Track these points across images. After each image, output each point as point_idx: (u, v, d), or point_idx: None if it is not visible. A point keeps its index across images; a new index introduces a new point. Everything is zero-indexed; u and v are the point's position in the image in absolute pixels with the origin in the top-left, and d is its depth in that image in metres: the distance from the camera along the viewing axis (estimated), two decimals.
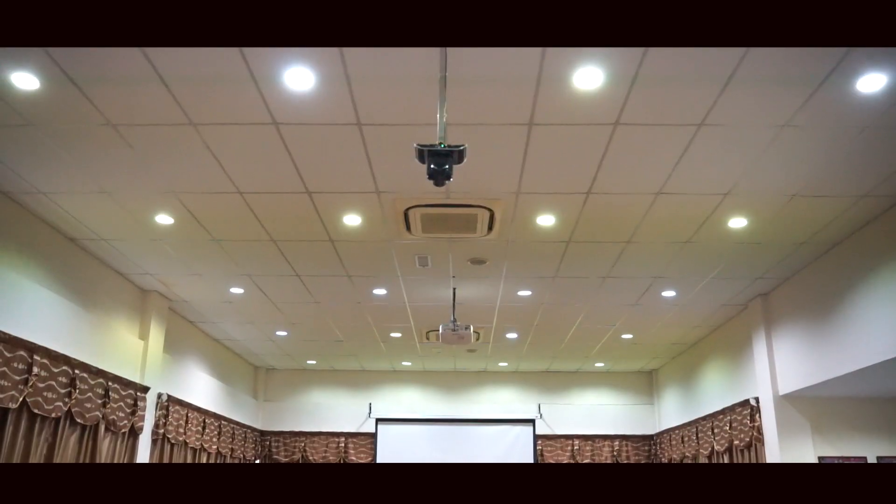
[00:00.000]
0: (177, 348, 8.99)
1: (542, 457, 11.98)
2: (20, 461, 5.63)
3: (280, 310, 8.69)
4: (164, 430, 8.23)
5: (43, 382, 5.80)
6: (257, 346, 10.79)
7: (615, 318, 8.93)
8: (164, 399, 8.21)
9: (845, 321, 6.33)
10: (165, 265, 7.19)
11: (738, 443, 8.37)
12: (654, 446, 12.03)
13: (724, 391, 9.13)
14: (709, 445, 9.34)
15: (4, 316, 5.41)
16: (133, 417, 7.40)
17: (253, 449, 11.75)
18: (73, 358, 6.29)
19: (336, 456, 12.01)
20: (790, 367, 7.40)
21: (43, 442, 5.95)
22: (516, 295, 7.97)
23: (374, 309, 8.61)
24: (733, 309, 8.45)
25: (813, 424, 7.65)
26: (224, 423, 10.32)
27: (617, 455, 11.97)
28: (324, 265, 7.07)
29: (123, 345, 7.41)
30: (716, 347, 9.49)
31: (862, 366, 6.08)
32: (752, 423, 7.98)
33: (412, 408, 12.32)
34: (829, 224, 5.89)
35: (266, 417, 12.34)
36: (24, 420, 5.66)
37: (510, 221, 5.94)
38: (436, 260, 6.89)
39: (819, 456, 7.57)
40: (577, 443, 12.07)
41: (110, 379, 6.95)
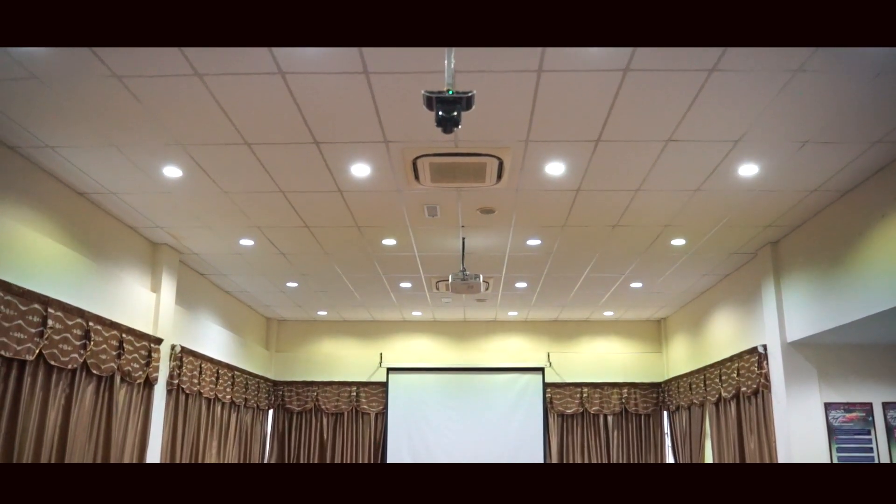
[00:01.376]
0: (189, 301, 9.08)
1: (552, 404, 12.14)
2: (39, 413, 5.74)
3: (290, 261, 8.73)
4: (179, 381, 8.37)
5: (58, 335, 5.88)
6: (268, 298, 10.88)
7: (624, 267, 8.94)
8: (178, 350, 8.32)
9: (854, 268, 6.32)
10: (175, 218, 7.21)
11: (745, 389, 8.44)
12: (662, 394, 12.16)
13: (731, 339, 9.18)
14: (716, 392, 9.43)
15: (18, 270, 5.46)
16: (147, 369, 7.52)
17: (266, 399, 11.94)
18: (86, 311, 6.37)
19: (348, 405, 12.20)
20: (798, 314, 7.42)
21: (61, 393, 6.07)
22: (525, 244, 7.98)
23: (383, 259, 8.64)
24: (742, 257, 8.44)
25: (819, 371, 7.70)
26: (237, 373, 10.47)
27: (625, 402, 12.11)
28: (333, 216, 7.08)
29: (136, 298, 7.49)
30: (724, 296, 9.51)
31: (870, 313, 6.09)
32: (759, 370, 8.03)
33: (423, 357, 12.45)
34: (840, 171, 5.84)
35: (278, 368, 12.51)
36: (41, 372, 5.76)
37: (519, 170, 5.91)
38: (445, 209, 6.89)
39: (825, 402, 7.64)
40: (586, 390, 12.20)
41: (124, 331, 7.04)
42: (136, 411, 7.36)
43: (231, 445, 10.30)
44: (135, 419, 7.33)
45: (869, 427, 7.66)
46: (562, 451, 12.07)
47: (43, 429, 5.79)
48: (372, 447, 12.14)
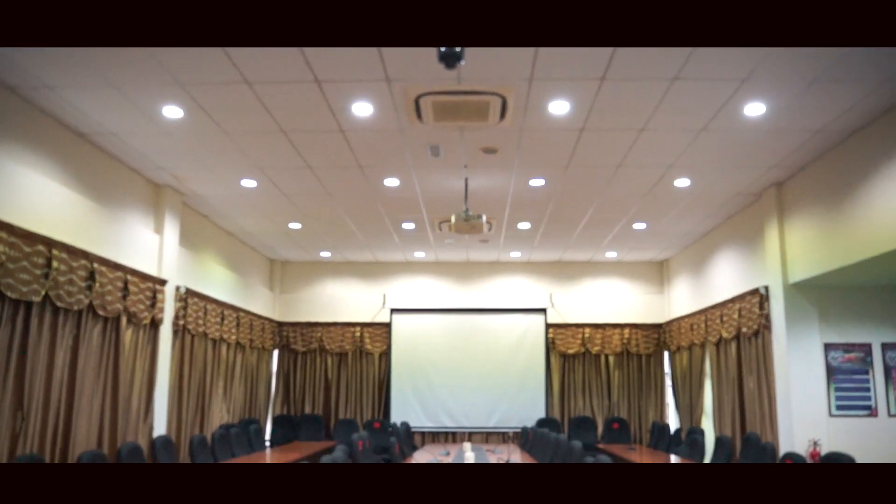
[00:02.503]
0: (192, 242, 9.09)
1: (554, 345, 12.26)
2: (47, 354, 5.82)
3: (293, 202, 8.72)
4: (184, 322, 8.44)
5: (63, 276, 5.91)
6: (271, 239, 10.90)
7: (628, 208, 8.92)
8: (183, 291, 8.38)
9: (859, 210, 6.30)
10: (177, 159, 7.17)
11: (746, 330, 8.50)
12: (663, 334, 12.26)
13: (734, 280, 9.20)
14: (717, 333, 9.51)
15: (21, 211, 5.46)
16: (153, 310, 7.58)
17: (271, 339, 12.07)
18: (91, 252, 6.39)
19: (352, 345, 12.33)
20: (801, 255, 7.43)
21: (68, 334, 6.13)
22: (529, 185, 7.94)
23: (386, 200, 8.62)
24: (747, 198, 8.40)
25: (820, 312, 7.75)
26: (242, 314, 10.56)
27: (626, 343, 12.23)
28: (335, 156, 7.04)
29: (139, 239, 7.50)
30: (727, 237, 9.50)
31: (873, 254, 6.09)
32: (760, 311, 8.08)
33: (426, 298, 12.53)
34: (847, 111, 5.77)
35: (282, 309, 12.61)
36: (47, 313, 5.81)
37: (523, 109, 5.84)
38: (447, 149, 6.84)
39: (824, 343, 7.71)
40: (588, 331, 12.31)
41: (129, 272, 7.08)
42: (142, 352, 7.44)
43: (237, 385, 10.46)
44: (142, 360, 7.43)
45: (867, 367, 7.74)
46: (563, 391, 12.24)
47: (52, 369, 5.87)
48: (376, 387, 12.31)
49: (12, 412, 5.43)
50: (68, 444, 6.06)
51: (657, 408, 12.17)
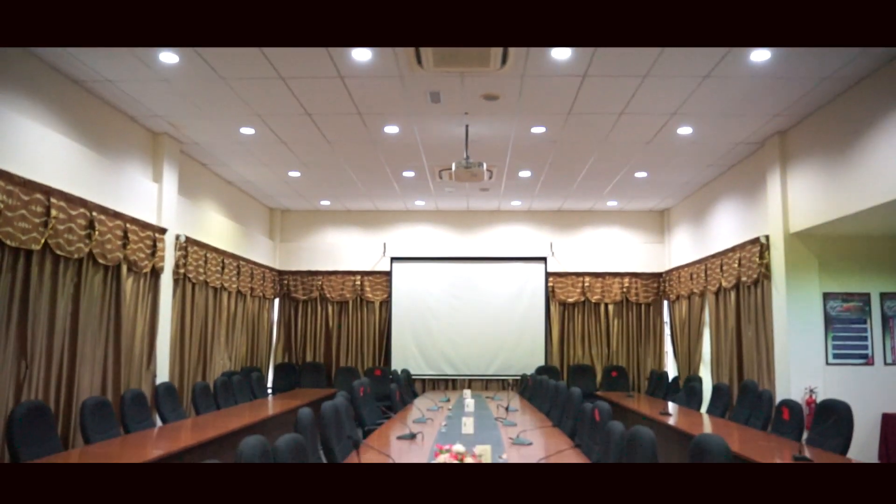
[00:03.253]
0: (191, 191, 9.04)
1: (554, 294, 12.30)
2: (49, 302, 5.83)
3: (292, 150, 8.64)
4: (185, 271, 8.45)
5: (62, 224, 5.89)
6: (271, 188, 10.84)
7: (629, 157, 8.84)
8: (183, 240, 8.36)
9: (862, 158, 6.24)
10: (174, 107, 7.08)
11: (746, 279, 8.52)
12: (663, 283, 12.30)
13: (734, 229, 9.18)
14: (716, 282, 9.53)
15: (18, 159, 5.41)
16: (153, 258, 7.57)
17: (272, 288, 12.10)
18: (89, 200, 6.35)
19: (352, 293, 12.38)
20: (803, 205, 7.39)
21: (69, 282, 6.14)
22: (530, 132, 7.86)
23: (386, 147, 8.54)
24: (749, 147, 8.32)
25: (820, 262, 7.75)
26: (242, 262, 10.57)
27: (626, 292, 12.27)
28: (334, 103, 6.94)
29: (138, 187, 7.45)
30: (729, 186, 9.45)
31: (875, 203, 6.05)
32: (760, 260, 8.08)
33: (426, 247, 12.53)
34: (854, 58, 5.66)
35: (283, 257, 12.62)
36: (48, 262, 5.81)
37: (524, 55, 5.74)
38: (448, 96, 6.74)
39: (824, 292, 7.73)
40: (588, 280, 12.34)
41: (128, 221, 7.05)
42: (144, 300, 7.47)
43: (238, 334, 10.53)
44: (143, 308, 7.45)
45: (865, 317, 7.77)
46: (562, 339, 12.33)
47: (54, 318, 5.89)
48: (376, 335, 12.40)
49: (16, 360, 5.47)
50: (72, 391, 6.13)
51: (656, 356, 12.28)
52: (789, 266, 7.69)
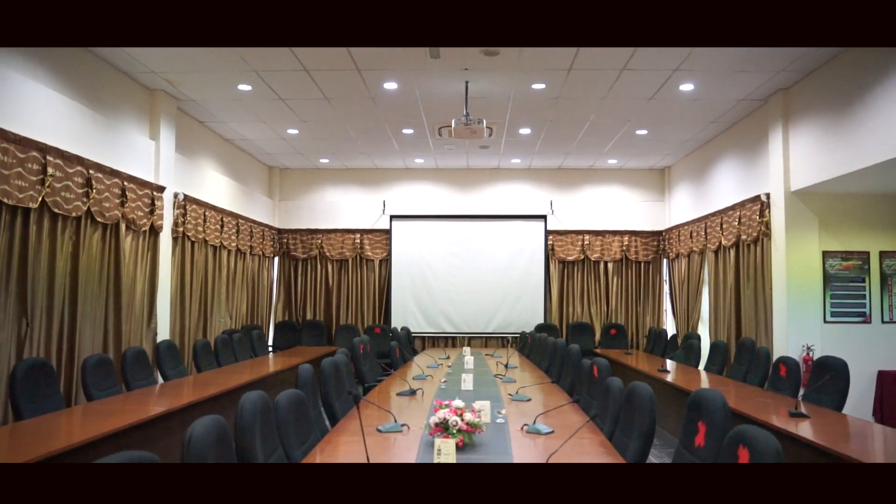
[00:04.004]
0: (189, 149, 8.98)
1: (553, 252, 12.31)
2: (48, 260, 5.83)
3: (290, 107, 8.55)
4: (184, 229, 8.44)
5: (59, 183, 5.86)
6: (269, 146, 10.77)
7: (630, 114, 8.76)
8: (181, 198, 8.33)
9: (865, 116, 6.18)
10: (169, 62, 6.98)
11: (746, 237, 8.51)
12: (663, 242, 12.29)
13: (735, 187, 9.15)
14: (716, 240, 9.53)
15: (13, 117, 5.36)
16: (152, 216, 7.55)
17: (271, 246, 12.10)
18: (86, 158, 6.31)
19: (352, 252, 12.39)
20: (804, 162, 7.35)
21: (67, 241, 6.13)
22: (530, 88, 7.77)
23: (385, 104, 8.46)
24: (752, 104, 8.24)
25: (821, 220, 7.73)
26: (241, 221, 10.55)
27: (626, 250, 12.27)
28: (332, 59, 6.85)
29: (135, 145, 7.39)
30: (730, 144, 9.38)
31: (877, 161, 6.02)
32: (761, 218, 8.06)
33: (425, 205, 12.49)
34: None
35: (282, 216, 12.59)
36: (46, 220, 5.79)
37: None
38: (447, 51, 6.65)
39: (823, 250, 7.73)
40: (588, 238, 12.33)
41: (126, 179, 7.01)
42: (143, 258, 7.47)
43: (239, 292, 10.55)
44: (143, 266, 7.46)
45: (864, 275, 7.79)
46: (562, 297, 12.37)
47: (53, 276, 5.90)
48: (376, 293, 12.44)
49: (17, 318, 5.49)
50: (74, 348, 6.16)
51: (655, 314, 12.34)
52: (789, 224, 7.67)
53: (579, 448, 3.61)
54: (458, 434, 3.49)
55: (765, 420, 4.64)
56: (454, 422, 3.50)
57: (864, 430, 4.66)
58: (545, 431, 4.06)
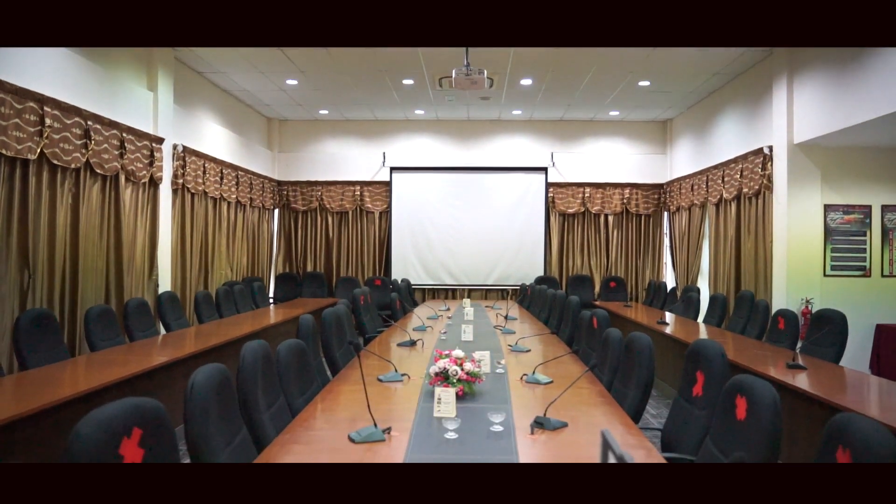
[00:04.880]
0: (187, 100, 8.89)
1: (554, 204, 12.28)
2: (48, 212, 5.82)
3: (288, 56, 8.44)
4: (183, 181, 8.41)
5: (57, 134, 5.82)
6: (268, 97, 10.66)
7: (633, 64, 8.65)
8: (180, 150, 8.28)
9: (870, 69, 6.11)
10: None
11: (748, 191, 8.48)
12: (664, 195, 12.26)
13: (738, 140, 9.08)
14: (717, 193, 9.50)
15: (9, 67, 5.29)
16: (151, 168, 7.52)
17: (271, 198, 12.07)
18: (84, 109, 6.25)
19: (352, 204, 12.36)
20: (808, 115, 7.28)
21: (67, 192, 6.11)
22: None
23: (385, 55, 8.35)
24: (757, 54, 8.13)
25: (823, 173, 7.70)
26: (241, 173, 10.51)
27: (626, 203, 12.25)
28: None
29: (133, 96, 7.32)
30: (734, 96, 9.29)
31: (881, 114, 5.97)
32: (763, 171, 8.02)
33: (426, 157, 12.42)
34: None
35: (282, 168, 12.53)
36: (45, 171, 5.76)
37: None
38: None
39: (825, 204, 7.72)
40: (588, 191, 12.30)
41: (124, 130, 6.96)
42: (143, 211, 7.46)
43: (239, 244, 10.57)
44: (143, 218, 7.45)
45: (865, 229, 7.78)
46: (562, 250, 12.38)
47: (54, 227, 5.89)
48: (376, 245, 12.45)
49: (19, 269, 5.51)
50: (76, 300, 6.20)
51: (654, 267, 12.37)
52: (791, 177, 7.64)
53: (578, 398, 3.65)
54: (458, 383, 3.52)
55: (762, 371, 4.69)
56: (454, 371, 3.53)
57: (860, 381, 4.71)
58: (544, 381, 4.10)
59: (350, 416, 3.24)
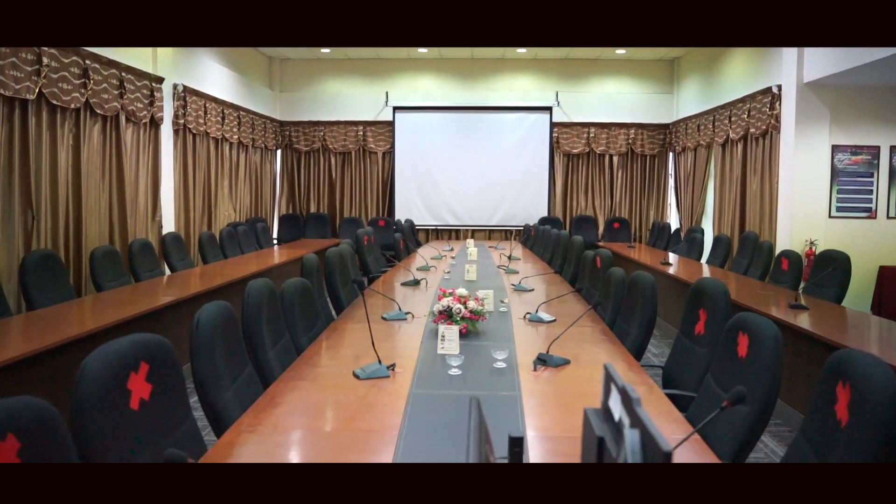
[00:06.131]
0: None
1: (558, 144, 12.18)
2: (49, 153, 5.78)
3: None
4: (185, 121, 8.33)
5: (55, 73, 5.74)
6: None
7: None
8: (181, 90, 8.18)
9: None
10: None
11: (755, 131, 8.39)
12: (669, 135, 12.13)
13: (746, 79, 8.94)
14: (724, 134, 9.40)
15: None
16: (152, 108, 7.44)
17: (273, 139, 11.99)
18: (81, 48, 6.16)
19: (355, 144, 12.27)
20: (819, 53, 7.15)
21: (67, 133, 6.06)
22: None
23: None
24: None
25: (832, 113, 7.60)
26: (243, 113, 10.41)
27: (632, 143, 12.14)
28: None
29: None
30: None
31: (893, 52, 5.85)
32: (771, 110, 7.92)
33: (429, 96, 12.27)
34: None
35: (284, 108, 12.41)
36: (44, 112, 5.71)
37: None
38: None
39: (833, 144, 7.64)
40: (593, 130, 12.18)
41: (123, 70, 6.87)
42: (145, 151, 7.41)
43: (242, 185, 10.53)
44: (145, 159, 7.41)
45: (873, 170, 7.72)
46: (566, 190, 12.33)
47: (56, 169, 5.87)
48: (379, 186, 12.41)
49: (23, 210, 5.51)
50: (80, 241, 6.21)
51: (659, 208, 12.33)
52: (800, 117, 7.55)
53: (580, 336, 3.68)
54: (462, 321, 3.55)
55: (764, 311, 4.72)
56: (458, 309, 3.55)
57: (862, 321, 4.74)
58: (547, 320, 4.13)
59: (354, 354, 3.28)
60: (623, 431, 1.15)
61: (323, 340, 3.63)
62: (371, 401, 2.60)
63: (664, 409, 2.54)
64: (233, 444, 2.18)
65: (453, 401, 2.61)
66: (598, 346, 3.56)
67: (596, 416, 1.35)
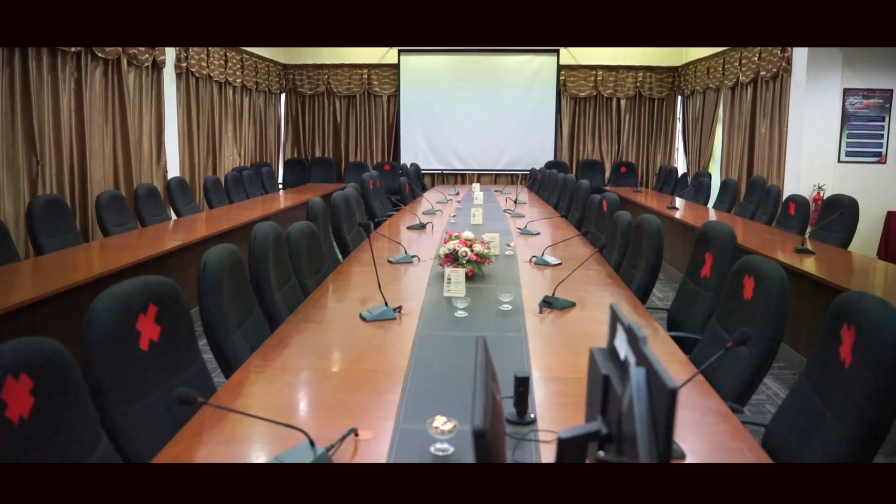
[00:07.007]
0: None
1: (565, 87, 12.02)
2: (51, 97, 5.74)
3: None
4: (187, 65, 8.23)
5: None
6: None
7: None
8: None
9: None
10: None
11: (765, 73, 8.26)
12: (678, 78, 11.95)
13: None
14: (734, 77, 9.25)
15: None
16: (153, 51, 7.34)
17: (277, 82, 11.85)
18: None
19: (360, 87, 12.13)
20: None
21: (69, 77, 6.01)
22: None
23: None
24: None
25: (844, 56, 7.45)
26: (246, 56, 10.27)
27: (639, 86, 11.97)
28: None
29: None
30: None
31: None
32: (782, 53, 7.78)
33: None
34: None
35: (287, 51, 12.21)
36: (45, 55, 5.65)
37: None
38: None
39: (844, 87, 7.51)
40: (601, 73, 12.00)
41: None
42: (147, 95, 7.34)
43: (246, 129, 10.46)
44: (148, 103, 7.35)
45: (884, 114, 7.61)
46: (573, 134, 12.22)
47: (59, 113, 5.83)
48: (385, 130, 12.31)
49: (27, 155, 5.49)
50: (86, 185, 6.21)
51: (666, 152, 12.22)
52: (812, 60, 7.41)
53: (586, 279, 3.69)
54: (468, 264, 3.56)
55: (770, 255, 4.71)
56: (464, 252, 3.56)
57: (868, 265, 4.74)
58: (553, 263, 4.14)
59: (361, 297, 3.30)
60: (629, 370, 1.16)
61: (329, 283, 3.65)
62: (378, 342, 2.63)
63: (669, 350, 2.56)
64: (242, 383, 2.22)
65: (459, 342, 2.64)
66: (604, 288, 3.57)
67: (601, 356, 1.36)
